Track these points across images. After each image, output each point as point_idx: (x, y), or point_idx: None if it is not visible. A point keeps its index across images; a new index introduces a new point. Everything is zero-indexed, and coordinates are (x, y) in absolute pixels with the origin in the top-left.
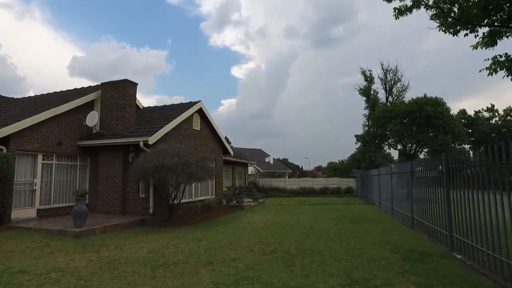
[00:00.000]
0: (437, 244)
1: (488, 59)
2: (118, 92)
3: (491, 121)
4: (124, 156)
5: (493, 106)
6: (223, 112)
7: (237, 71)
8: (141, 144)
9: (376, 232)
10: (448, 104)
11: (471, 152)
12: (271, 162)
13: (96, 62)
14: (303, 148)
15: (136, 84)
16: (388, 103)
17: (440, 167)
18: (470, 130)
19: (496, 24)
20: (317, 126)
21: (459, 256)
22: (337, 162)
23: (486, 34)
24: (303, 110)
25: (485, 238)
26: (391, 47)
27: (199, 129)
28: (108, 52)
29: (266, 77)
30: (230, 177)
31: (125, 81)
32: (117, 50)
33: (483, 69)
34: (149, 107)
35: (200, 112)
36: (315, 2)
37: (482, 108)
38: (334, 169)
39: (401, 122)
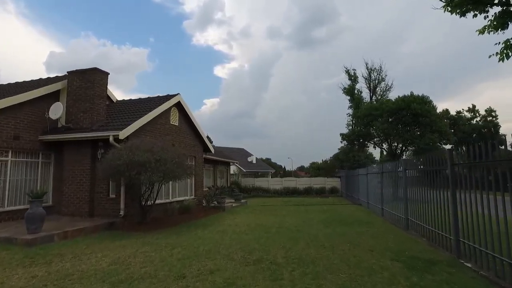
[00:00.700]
0: (440, 249)
1: (500, 42)
2: (87, 82)
3: (472, 121)
4: (92, 152)
5: (474, 106)
6: (206, 112)
7: (220, 71)
8: (111, 139)
9: (369, 236)
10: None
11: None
12: (254, 161)
13: (75, 59)
14: (285, 149)
15: (107, 73)
16: (374, 101)
17: (443, 165)
18: (453, 130)
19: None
20: (300, 126)
21: (468, 265)
22: (319, 162)
23: (497, 14)
24: (286, 111)
25: (505, 245)
26: (373, 49)
27: (177, 124)
28: (88, 49)
29: (249, 77)
30: (211, 176)
31: (94, 69)
32: (97, 47)
33: (493, 54)
34: (123, 100)
35: (179, 106)
36: (299, 3)
37: (463, 109)
38: (317, 169)
39: (388, 120)
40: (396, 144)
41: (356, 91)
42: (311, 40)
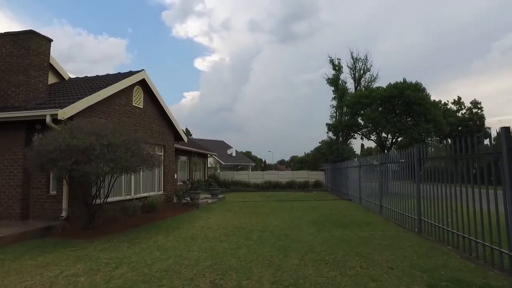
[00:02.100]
0: (483, 265)
1: None
2: (20, 49)
3: (457, 113)
4: (27, 137)
5: (459, 98)
6: (186, 105)
7: (201, 64)
8: (48, 119)
9: (379, 243)
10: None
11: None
12: (234, 154)
13: None
14: (266, 142)
15: (49, 40)
16: (363, 89)
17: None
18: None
19: None
20: (280, 120)
21: None
22: (300, 156)
23: None
24: (266, 105)
25: None
26: (354, 45)
27: (141, 107)
28: (61, 38)
29: (229, 71)
30: (186, 169)
31: (30, 33)
32: (72, 36)
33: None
34: (77, 77)
35: (144, 85)
36: None
37: (448, 100)
38: (300, 162)
39: (378, 108)
40: (386, 134)
41: (340, 82)
42: (291, 34)
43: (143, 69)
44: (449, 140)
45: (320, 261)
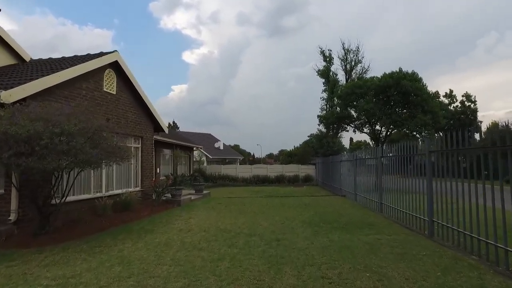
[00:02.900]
0: None
1: None
2: None
3: (449, 107)
4: None
5: (451, 91)
6: (174, 98)
7: (189, 56)
8: None
9: (390, 253)
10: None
11: None
12: (221, 147)
13: (29, 38)
14: (254, 136)
15: None
16: (357, 79)
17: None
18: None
19: None
20: (268, 114)
21: None
22: (289, 150)
23: None
24: (255, 99)
25: None
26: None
27: (114, 93)
28: (44, 28)
29: (218, 64)
30: (170, 163)
31: None
32: (56, 26)
33: None
34: (41, 59)
35: (117, 69)
36: None
37: (438, 92)
38: (289, 155)
39: (373, 99)
40: (380, 127)
41: (331, 74)
42: (281, 28)
43: (116, 50)
44: (449, 133)
45: (322, 279)
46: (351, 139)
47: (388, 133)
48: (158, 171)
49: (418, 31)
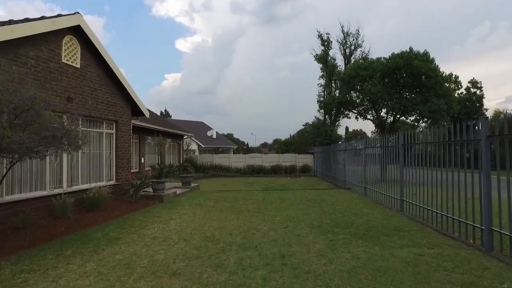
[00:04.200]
0: None
1: None
2: None
3: (455, 93)
4: None
5: (457, 77)
6: (167, 87)
7: (182, 44)
8: None
9: (448, 281)
10: None
11: None
12: (214, 136)
13: None
14: (248, 125)
15: None
16: (362, 60)
17: None
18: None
19: None
20: (263, 103)
21: None
22: (285, 139)
23: None
24: (248, 88)
25: None
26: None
27: (78, 67)
28: (31, 13)
29: (212, 52)
30: (158, 152)
31: None
32: (44, 12)
33: None
34: None
35: (82, 37)
36: None
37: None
38: (285, 144)
39: (381, 82)
40: (386, 112)
41: (329, 58)
42: (274, 16)
43: (78, 12)
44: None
45: None
46: (347, 128)
47: (396, 119)
48: (142, 161)
49: (412, 21)
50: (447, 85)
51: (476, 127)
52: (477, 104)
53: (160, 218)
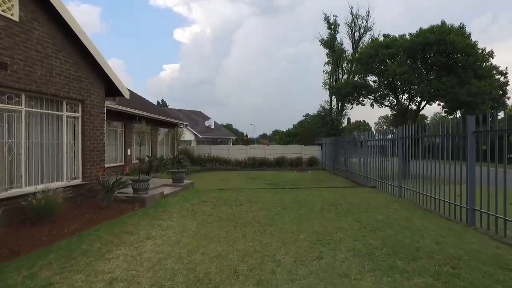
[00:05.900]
0: None
1: None
2: None
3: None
4: None
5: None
6: (165, 78)
7: (180, 35)
8: None
9: None
10: None
11: None
12: (212, 126)
13: None
14: (247, 116)
15: None
16: (383, 38)
17: None
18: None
19: None
20: (262, 94)
21: None
22: (288, 129)
23: None
24: (247, 78)
25: None
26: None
27: (16, 20)
28: None
29: (211, 43)
30: (149, 143)
31: None
32: None
33: None
34: None
35: None
36: None
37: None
38: (288, 135)
39: (406, 61)
40: (409, 98)
41: (336, 43)
42: (274, 6)
43: None
44: None
45: None
46: (349, 119)
47: (422, 105)
48: (129, 153)
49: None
50: (486, 64)
51: None
52: (500, 91)
53: (133, 236)
